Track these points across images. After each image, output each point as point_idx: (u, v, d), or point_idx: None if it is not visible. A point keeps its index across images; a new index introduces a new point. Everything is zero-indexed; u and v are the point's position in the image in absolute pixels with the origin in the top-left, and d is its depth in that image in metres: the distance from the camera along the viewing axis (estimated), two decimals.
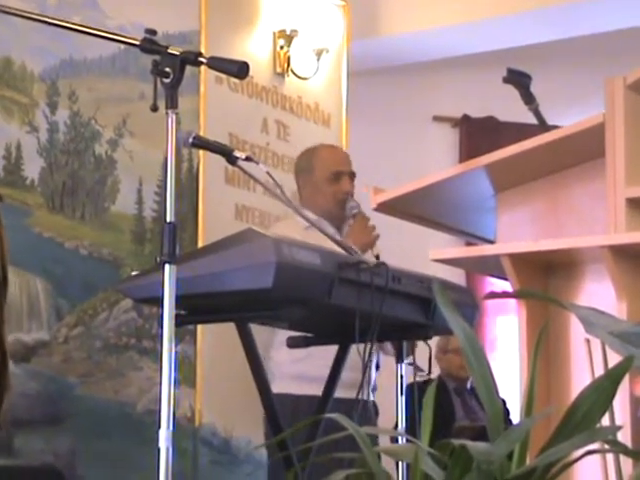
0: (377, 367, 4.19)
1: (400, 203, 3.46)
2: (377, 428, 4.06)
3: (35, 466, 3.95)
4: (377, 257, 3.97)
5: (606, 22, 5.95)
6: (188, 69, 2.49)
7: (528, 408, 1.84)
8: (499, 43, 6.20)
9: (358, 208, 4.10)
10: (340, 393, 3.27)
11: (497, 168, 3.23)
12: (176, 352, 2.46)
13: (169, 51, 2.47)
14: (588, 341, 2.96)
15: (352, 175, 4.25)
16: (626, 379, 2.12)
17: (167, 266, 2.42)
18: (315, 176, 4.22)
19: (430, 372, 3.30)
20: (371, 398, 4.11)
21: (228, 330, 2.99)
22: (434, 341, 3.33)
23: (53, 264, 4.15)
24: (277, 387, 3.89)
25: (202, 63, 2.49)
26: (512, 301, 4.52)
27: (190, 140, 2.88)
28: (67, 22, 2.72)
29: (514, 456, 1.78)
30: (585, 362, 2.97)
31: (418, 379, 3.96)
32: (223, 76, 4.68)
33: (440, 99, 7.15)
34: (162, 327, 2.40)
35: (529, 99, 3.64)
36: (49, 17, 2.74)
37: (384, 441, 4.28)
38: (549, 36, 6.22)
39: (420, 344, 3.31)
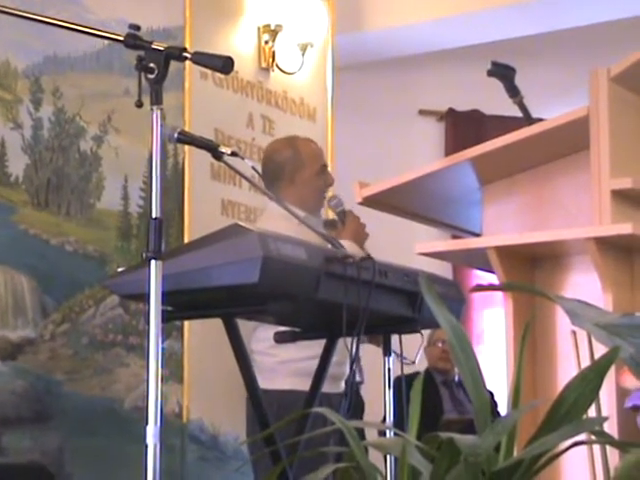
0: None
1: (386, 197, 3.47)
2: (365, 422, 4.06)
3: (23, 464, 3.93)
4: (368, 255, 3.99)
5: (590, 15, 5.96)
6: (173, 65, 2.48)
7: (515, 400, 1.85)
8: (484, 36, 6.20)
9: (343, 205, 4.09)
10: (326, 388, 3.27)
11: (482, 161, 3.24)
12: (163, 348, 2.45)
13: (153, 47, 2.46)
14: (574, 333, 2.97)
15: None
16: (612, 370, 2.12)
17: (153, 262, 2.41)
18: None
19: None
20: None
21: (215, 326, 2.98)
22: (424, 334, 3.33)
23: (39, 261, 4.13)
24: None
25: (186, 58, 2.48)
26: (499, 294, 4.53)
27: (175, 136, 2.86)
28: (51, 18, 2.71)
29: (501, 448, 1.79)
30: (571, 354, 2.98)
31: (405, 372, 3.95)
32: (208, 71, 4.67)
33: (425, 93, 7.15)
34: (149, 323, 2.39)
35: (514, 92, 3.64)
36: (32, 13, 2.73)
37: (372, 435, 4.29)
38: (533, 29, 6.23)
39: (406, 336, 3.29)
